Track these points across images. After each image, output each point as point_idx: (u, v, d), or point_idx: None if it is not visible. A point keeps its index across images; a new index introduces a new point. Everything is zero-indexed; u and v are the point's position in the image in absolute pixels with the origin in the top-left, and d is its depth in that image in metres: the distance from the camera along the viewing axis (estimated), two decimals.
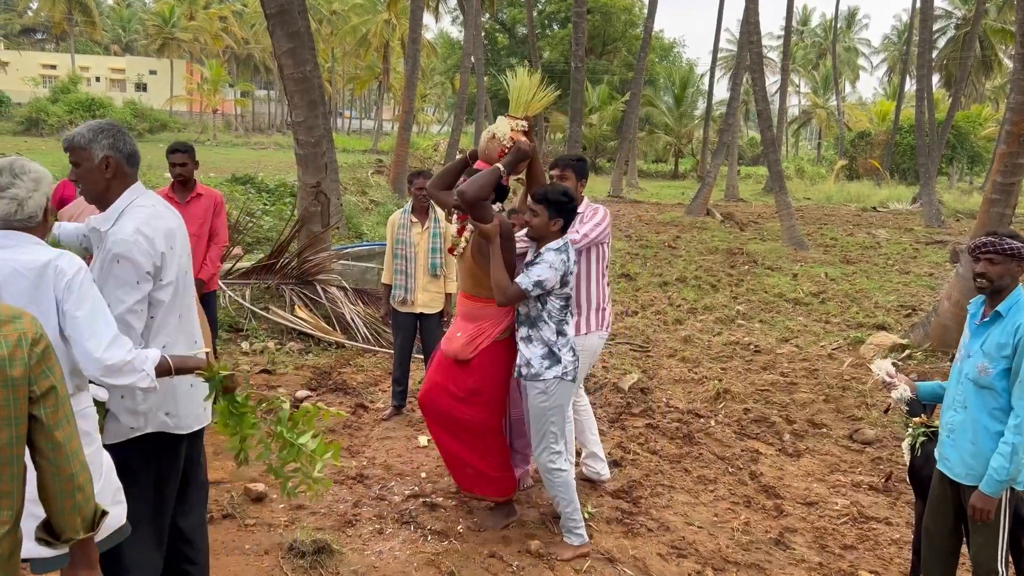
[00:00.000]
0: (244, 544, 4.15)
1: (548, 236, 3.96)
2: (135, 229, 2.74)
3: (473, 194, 3.89)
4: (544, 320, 3.96)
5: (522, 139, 4.13)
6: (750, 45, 20.75)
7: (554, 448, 4.08)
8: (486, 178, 3.94)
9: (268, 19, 8.13)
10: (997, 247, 3.36)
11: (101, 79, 74.22)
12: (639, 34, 43.99)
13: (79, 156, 2.82)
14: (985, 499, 3.32)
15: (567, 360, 3.99)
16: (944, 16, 47.30)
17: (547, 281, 3.85)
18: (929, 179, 24.91)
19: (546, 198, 3.92)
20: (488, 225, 3.91)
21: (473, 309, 4.21)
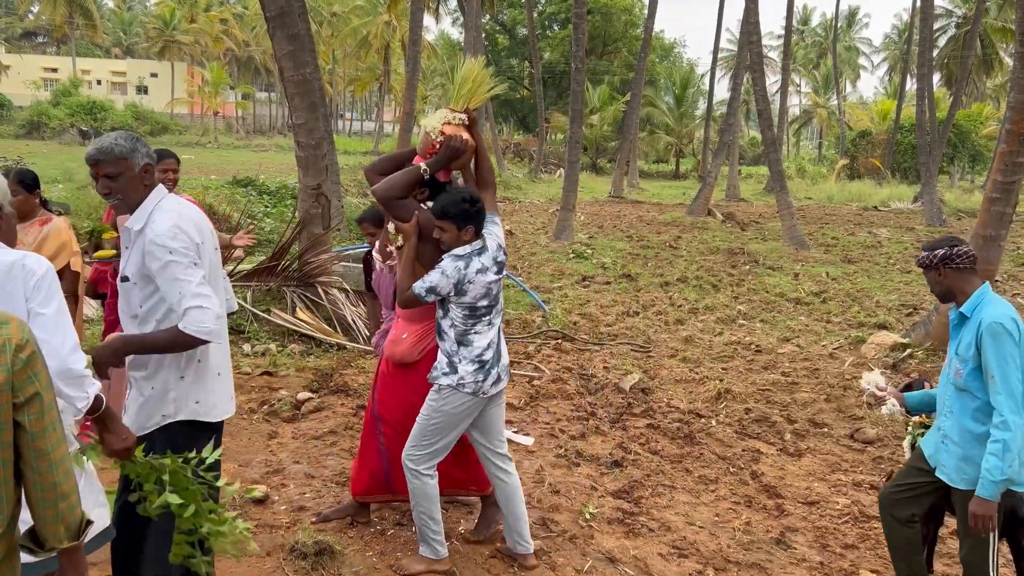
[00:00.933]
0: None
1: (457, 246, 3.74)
2: (173, 224, 2.87)
3: (383, 192, 3.72)
4: (445, 330, 3.78)
5: (460, 134, 3.82)
6: (750, 45, 20.75)
7: (426, 450, 3.82)
8: (401, 178, 3.75)
9: (268, 22, 8.15)
10: (922, 261, 3.54)
11: (102, 82, 74.33)
12: (639, 34, 43.99)
13: (120, 167, 2.84)
14: (984, 504, 3.25)
15: (464, 371, 3.74)
16: (945, 15, 47.28)
17: (439, 287, 3.65)
18: (930, 178, 24.90)
19: (446, 213, 3.65)
20: (405, 224, 3.76)
21: (415, 310, 3.94)
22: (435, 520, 3.89)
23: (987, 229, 8.26)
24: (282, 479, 5.06)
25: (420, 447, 3.83)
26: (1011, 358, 3.20)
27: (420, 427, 3.83)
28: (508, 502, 4.04)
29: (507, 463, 4.06)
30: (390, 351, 4.06)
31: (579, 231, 18.73)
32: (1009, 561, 3.94)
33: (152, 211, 2.92)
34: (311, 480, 5.03)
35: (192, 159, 37.28)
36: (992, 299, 3.38)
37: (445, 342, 3.79)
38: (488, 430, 4.02)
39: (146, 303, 2.95)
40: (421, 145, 3.90)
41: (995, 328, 3.22)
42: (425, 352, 3.97)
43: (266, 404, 6.36)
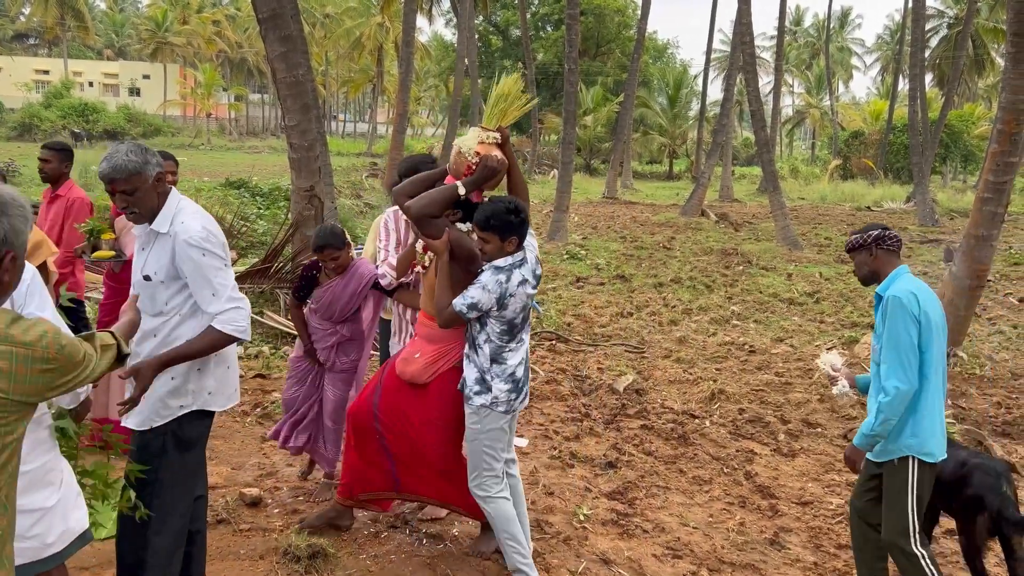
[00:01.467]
0: (239, 549, 4.14)
1: (504, 256, 3.67)
2: (202, 226, 3.02)
3: (418, 211, 3.59)
4: (479, 345, 3.71)
5: (494, 153, 3.77)
6: (743, 46, 20.79)
7: (486, 473, 3.79)
8: (437, 195, 3.64)
9: (261, 23, 8.12)
10: (847, 247, 3.71)
11: (94, 84, 74.13)
12: (633, 35, 44.02)
13: (135, 182, 2.89)
14: (853, 450, 3.59)
15: (499, 390, 3.69)
16: (936, 16, 47.46)
17: (481, 303, 3.57)
18: (923, 178, 24.96)
19: (490, 224, 3.58)
20: (436, 241, 3.64)
21: (435, 330, 3.86)
22: (520, 543, 3.81)
23: (979, 229, 8.28)
24: (275, 482, 5.04)
25: (482, 473, 3.79)
26: (904, 330, 3.39)
27: (473, 455, 3.80)
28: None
29: (512, 466, 4.06)
30: (401, 368, 3.97)
31: (573, 232, 18.73)
32: (1002, 560, 3.96)
33: (176, 213, 3.03)
34: (304, 483, 5.02)
35: (185, 161, 37.12)
36: (902, 279, 3.52)
37: (478, 356, 3.72)
38: None
39: (172, 300, 3.06)
40: (455, 165, 3.80)
41: (894, 301, 3.42)
42: (436, 375, 3.89)
43: (259, 407, 6.35)
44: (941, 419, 3.50)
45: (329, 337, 4.70)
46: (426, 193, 3.66)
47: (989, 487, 3.68)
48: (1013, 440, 6.43)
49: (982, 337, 9.81)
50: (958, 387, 7.65)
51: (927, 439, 3.44)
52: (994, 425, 6.69)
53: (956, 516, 3.87)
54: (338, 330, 4.69)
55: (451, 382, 3.87)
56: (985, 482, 3.69)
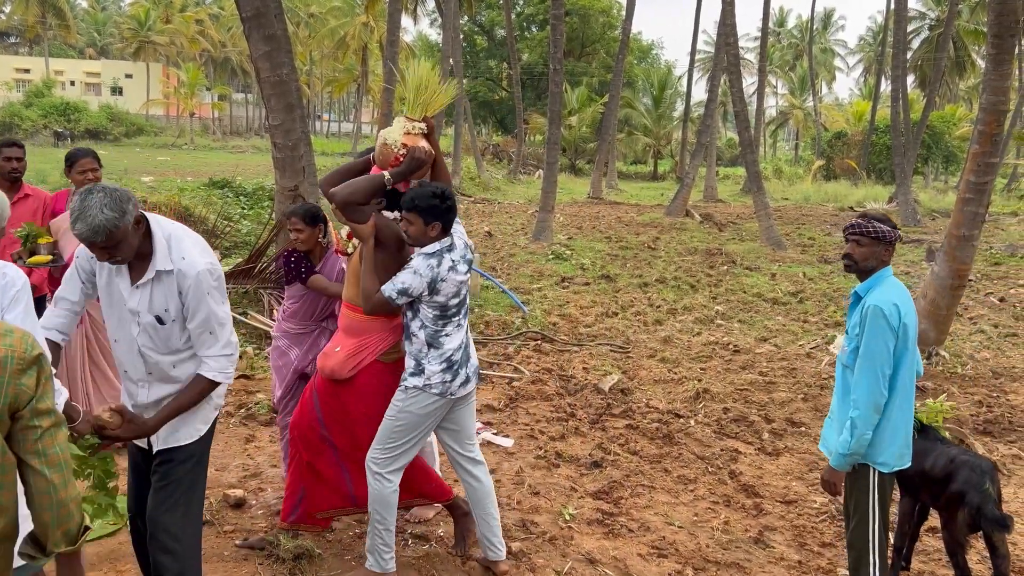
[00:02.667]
0: (223, 551, 4.12)
1: (427, 241, 3.65)
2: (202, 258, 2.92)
3: (343, 197, 3.60)
4: (414, 332, 3.68)
5: (420, 143, 3.75)
6: (727, 47, 20.88)
7: (387, 454, 3.73)
8: (363, 183, 3.65)
9: (244, 22, 8.06)
10: (863, 229, 3.42)
11: (76, 83, 73.45)
12: (617, 36, 44.10)
13: (116, 237, 2.72)
14: (831, 472, 3.48)
15: (432, 371, 3.66)
16: (918, 17, 47.84)
17: (411, 288, 3.55)
18: (905, 178, 25.16)
19: (415, 205, 3.57)
20: (362, 226, 3.65)
21: (357, 322, 3.82)
22: (388, 531, 3.77)
23: (961, 229, 8.35)
24: (259, 483, 5.01)
25: (385, 449, 3.73)
26: (883, 343, 3.28)
27: (385, 428, 3.73)
28: (478, 506, 3.98)
29: (477, 467, 3.99)
30: (321, 363, 3.89)
31: (558, 232, 18.75)
32: (985, 557, 3.99)
33: (171, 246, 2.89)
34: None
35: (168, 161, 36.97)
36: (886, 283, 3.42)
37: (413, 344, 3.69)
38: (458, 433, 3.95)
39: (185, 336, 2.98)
40: (381, 156, 3.78)
41: (874, 311, 3.30)
42: (358, 368, 3.80)
43: (243, 408, 6.31)
44: (907, 430, 3.43)
45: (307, 338, 4.54)
46: (351, 181, 3.68)
47: (973, 484, 3.72)
48: (994, 438, 6.48)
49: (963, 336, 9.89)
50: (940, 386, 7.71)
51: (884, 449, 3.37)
52: (975, 424, 6.75)
53: (940, 511, 3.92)
54: (322, 326, 4.56)
55: (377, 374, 3.81)
56: (970, 479, 3.73)
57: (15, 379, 1.91)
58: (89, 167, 5.11)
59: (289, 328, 4.55)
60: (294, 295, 4.51)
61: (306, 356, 4.53)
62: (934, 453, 3.90)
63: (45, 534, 2.02)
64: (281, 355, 4.59)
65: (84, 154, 5.17)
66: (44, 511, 2.00)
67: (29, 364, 1.95)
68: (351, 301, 3.84)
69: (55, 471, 1.99)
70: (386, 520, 3.75)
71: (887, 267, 3.47)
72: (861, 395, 3.30)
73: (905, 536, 4.20)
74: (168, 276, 2.88)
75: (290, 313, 4.52)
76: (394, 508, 3.77)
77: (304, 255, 4.42)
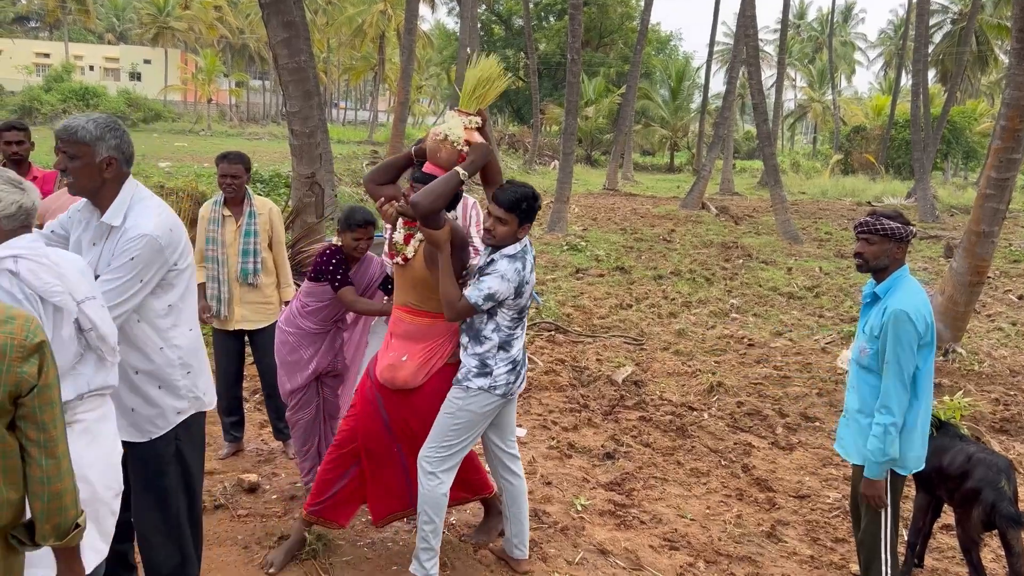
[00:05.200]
0: (236, 534, 4.14)
1: (511, 242, 3.54)
2: (157, 224, 2.79)
3: (428, 206, 3.36)
4: (486, 336, 3.56)
5: (475, 137, 3.59)
6: (746, 39, 20.73)
7: (441, 453, 3.64)
8: (444, 187, 3.40)
9: (263, 8, 8.08)
10: (873, 227, 3.39)
11: (95, 68, 73.84)
12: (635, 26, 43.92)
13: (79, 150, 2.71)
14: (870, 484, 3.41)
15: (499, 373, 3.58)
16: (940, 11, 47.29)
17: (499, 293, 3.45)
18: (924, 174, 24.94)
19: (520, 207, 3.47)
20: (438, 232, 3.43)
21: (419, 327, 3.67)
22: (435, 534, 3.67)
23: (981, 225, 8.27)
24: (273, 468, 5.05)
25: (441, 447, 3.64)
26: (908, 347, 3.26)
27: (442, 427, 3.64)
28: (512, 504, 3.95)
29: (516, 464, 3.96)
30: (389, 376, 3.68)
31: (573, 223, 18.72)
32: (1000, 556, 3.97)
33: (130, 206, 2.81)
34: None
35: (185, 146, 37.12)
36: (906, 285, 3.39)
37: (483, 345, 3.57)
38: (503, 429, 3.90)
39: None
40: (442, 153, 3.53)
41: (900, 316, 3.26)
42: (429, 376, 3.68)
43: (258, 393, 6.34)
44: (925, 431, 3.43)
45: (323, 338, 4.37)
46: (431, 186, 3.41)
47: (988, 481, 3.70)
48: (1011, 437, 6.44)
49: (981, 333, 9.81)
50: (956, 383, 7.65)
51: (906, 452, 3.38)
52: (992, 422, 6.70)
53: (955, 508, 3.90)
54: (337, 326, 4.43)
55: (447, 377, 3.69)
56: (986, 476, 3.71)
57: (15, 367, 1.90)
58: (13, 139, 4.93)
59: (307, 327, 4.32)
60: (321, 298, 4.26)
61: (324, 357, 4.38)
62: (952, 450, 3.88)
63: (36, 524, 2.00)
64: (292, 351, 4.36)
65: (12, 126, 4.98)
66: (36, 499, 1.98)
67: (30, 352, 1.93)
68: (412, 306, 3.69)
69: (52, 461, 1.98)
70: (434, 521, 3.66)
71: (904, 267, 3.44)
72: (893, 403, 3.27)
73: (919, 533, 4.18)
74: (116, 233, 2.78)
75: (311, 311, 4.30)
76: (443, 510, 3.69)
77: (344, 259, 4.21)
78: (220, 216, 4.93)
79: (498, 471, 3.96)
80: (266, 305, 5.06)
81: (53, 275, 2.25)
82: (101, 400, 2.47)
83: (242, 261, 4.92)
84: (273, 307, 5.10)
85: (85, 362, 2.38)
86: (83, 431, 2.38)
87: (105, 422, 2.49)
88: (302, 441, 4.50)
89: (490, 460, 3.99)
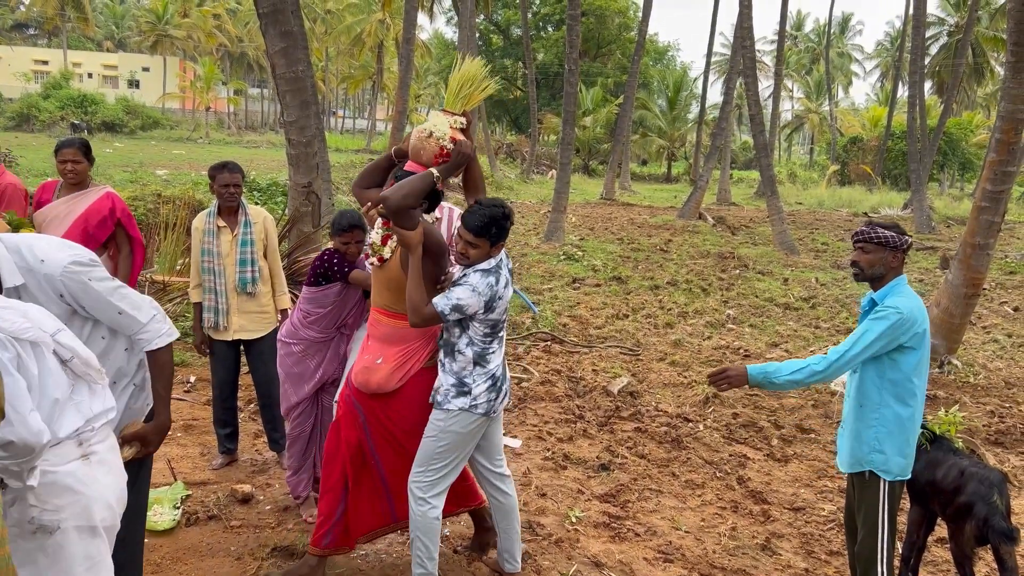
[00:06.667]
0: (230, 546, 4.13)
1: (485, 259, 3.50)
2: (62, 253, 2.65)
3: (397, 202, 3.31)
4: (460, 350, 3.51)
5: (461, 138, 3.58)
6: (744, 50, 20.80)
7: (430, 477, 3.58)
8: (416, 184, 3.36)
9: (261, 18, 8.10)
10: (868, 235, 3.43)
11: (93, 75, 73.91)
12: (633, 37, 44.06)
13: None
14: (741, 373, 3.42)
15: (478, 391, 3.52)
16: (937, 23, 47.53)
17: (468, 306, 3.38)
18: (920, 185, 25.00)
19: (489, 231, 3.41)
20: (410, 233, 3.37)
21: (395, 329, 3.60)
22: (432, 559, 3.61)
23: (976, 238, 8.29)
24: (267, 479, 5.03)
25: (429, 471, 3.58)
26: (884, 335, 3.29)
27: (427, 451, 3.57)
28: (503, 519, 3.92)
29: (505, 482, 3.90)
30: (363, 379, 3.63)
31: (570, 233, 18.73)
32: (993, 569, 3.96)
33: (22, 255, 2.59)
34: None
35: (183, 154, 37.12)
36: (903, 291, 3.42)
37: (457, 362, 3.52)
38: (488, 448, 3.84)
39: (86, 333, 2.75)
40: (424, 150, 3.54)
41: (892, 311, 3.30)
42: (406, 379, 3.62)
43: (252, 403, 6.32)
44: (913, 439, 3.45)
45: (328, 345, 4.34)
46: (403, 183, 3.39)
47: (981, 496, 3.70)
48: (1006, 449, 6.44)
49: (977, 345, 9.82)
50: (951, 395, 7.66)
51: (895, 458, 3.40)
52: (987, 434, 6.70)
53: (948, 522, 3.90)
54: (341, 332, 4.39)
55: (424, 381, 3.63)
56: (978, 491, 3.71)
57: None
58: (70, 157, 4.96)
59: (311, 336, 4.29)
60: (321, 303, 4.24)
61: (329, 365, 4.35)
62: (945, 464, 3.88)
63: None
64: (297, 362, 4.35)
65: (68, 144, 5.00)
66: None
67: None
68: (388, 308, 3.63)
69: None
70: (429, 549, 3.61)
71: (902, 276, 3.46)
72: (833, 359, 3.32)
73: (913, 546, 4.17)
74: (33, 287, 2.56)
75: (314, 320, 4.27)
76: (438, 535, 3.64)
77: (344, 256, 4.21)
78: (215, 227, 4.91)
79: (487, 490, 3.92)
80: (263, 314, 5.04)
81: (18, 315, 2.23)
82: (108, 431, 2.50)
83: (240, 271, 4.91)
84: (270, 316, 5.08)
85: (79, 391, 2.39)
86: (99, 462, 2.41)
87: (113, 452, 2.53)
88: (299, 457, 4.47)
89: (478, 479, 3.95)
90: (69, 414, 2.32)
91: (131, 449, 2.82)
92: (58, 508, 2.26)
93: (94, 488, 2.34)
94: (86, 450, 2.36)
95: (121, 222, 5.11)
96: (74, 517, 2.29)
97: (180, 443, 5.46)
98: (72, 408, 2.34)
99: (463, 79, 3.67)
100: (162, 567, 3.86)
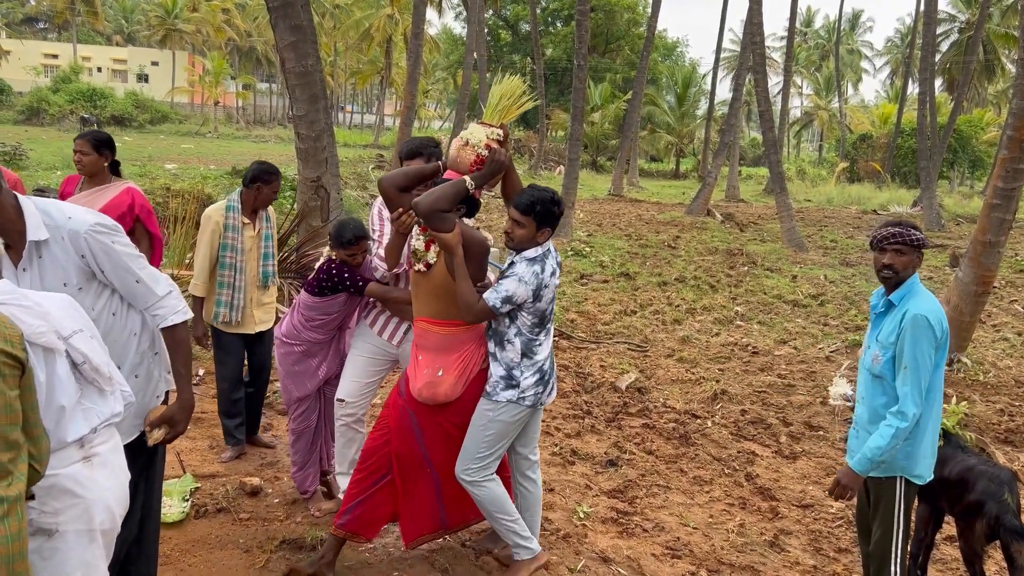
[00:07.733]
0: (238, 538, 4.14)
1: (530, 246, 3.58)
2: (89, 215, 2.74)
3: (427, 207, 3.37)
4: (509, 340, 3.57)
5: (498, 148, 3.67)
6: (753, 46, 20.73)
7: (477, 464, 3.65)
8: (447, 191, 3.44)
9: (271, 12, 8.10)
10: (905, 238, 3.39)
11: (103, 69, 74.12)
12: (642, 33, 43.91)
13: None
14: (850, 475, 3.37)
15: (526, 384, 3.59)
16: (947, 20, 47.26)
17: (517, 296, 3.45)
18: (930, 183, 24.89)
19: (534, 209, 3.50)
20: (448, 235, 3.43)
21: (447, 338, 3.63)
22: (516, 521, 3.72)
23: (987, 235, 8.25)
24: (276, 472, 5.04)
25: (475, 459, 3.65)
26: (927, 353, 3.26)
27: (474, 440, 3.64)
28: (527, 511, 3.93)
29: (535, 470, 3.96)
30: (430, 394, 3.64)
31: (578, 229, 18.72)
32: (1002, 568, 3.95)
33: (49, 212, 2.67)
34: None
35: (192, 148, 37.21)
36: (920, 291, 3.41)
37: (507, 352, 3.59)
38: (529, 436, 3.89)
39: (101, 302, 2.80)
40: (460, 158, 3.64)
41: (919, 320, 3.26)
42: (468, 384, 3.68)
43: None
44: (935, 439, 3.43)
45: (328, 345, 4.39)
46: (435, 188, 3.47)
47: (991, 494, 3.69)
48: (1016, 448, 6.41)
49: (986, 344, 9.78)
50: (961, 393, 7.63)
51: (920, 460, 3.37)
52: (997, 432, 6.67)
53: (957, 520, 3.88)
54: (339, 332, 4.42)
55: (481, 381, 3.70)
56: (988, 489, 3.70)
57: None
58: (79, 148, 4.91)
59: (314, 338, 4.31)
60: (326, 311, 4.24)
61: (332, 361, 4.40)
62: (953, 461, 3.87)
63: None
64: (298, 361, 4.36)
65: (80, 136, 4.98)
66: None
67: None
68: (436, 316, 3.63)
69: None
70: (509, 514, 3.71)
71: (915, 275, 3.46)
72: (910, 408, 3.24)
73: (921, 543, 4.16)
74: (56, 245, 2.62)
75: (317, 324, 4.28)
76: (507, 499, 3.73)
77: (350, 266, 4.16)
78: (239, 223, 4.93)
79: (517, 477, 3.96)
80: (272, 305, 5.23)
81: (35, 316, 2.20)
82: (111, 432, 2.49)
83: (263, 265, 5.03)
84: (275, 306, 5.25)
85: (88, 395, 2.38)
86: (101, 464, 2.40)
87: (116, 452, 2.51)
88: (305, 452, 4.49)
89: (512, 465, 3.98)
90: (76, 420, 2.29)
91: (159, 431, 2.82)
92: (57, 511, 2.24)
93: (95, 491, 2.32)
94: (88, 452, 2.34)
95: (140, 218, 5.11)
96: (73, 520, 2.27)
97: (189, 436, 5.47)
98: (80, 414, 2.32)
99: (504, 94, 3.78)
100: (171, 559, 3.88)
